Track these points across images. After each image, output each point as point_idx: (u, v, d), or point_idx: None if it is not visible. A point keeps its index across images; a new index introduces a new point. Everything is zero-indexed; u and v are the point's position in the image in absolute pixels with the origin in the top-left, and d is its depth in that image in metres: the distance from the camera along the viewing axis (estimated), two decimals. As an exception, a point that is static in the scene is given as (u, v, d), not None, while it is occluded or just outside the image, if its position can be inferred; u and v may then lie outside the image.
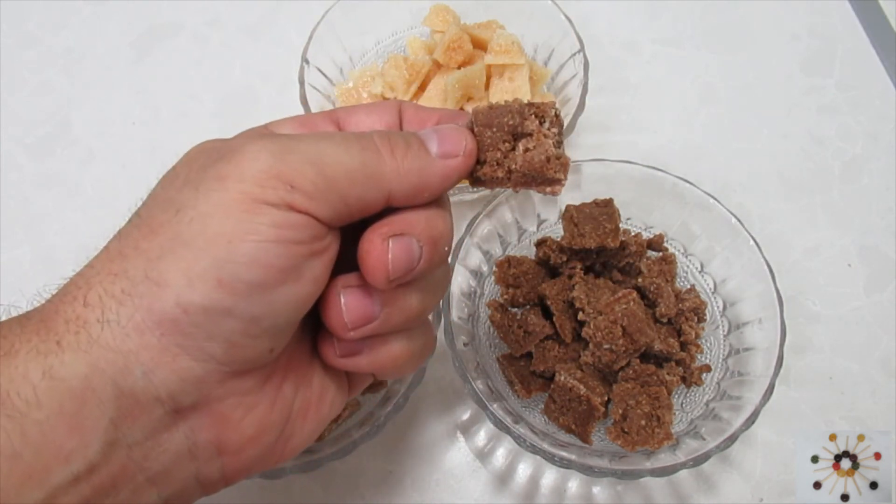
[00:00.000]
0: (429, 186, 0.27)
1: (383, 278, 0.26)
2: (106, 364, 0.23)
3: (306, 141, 0.25)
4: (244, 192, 0.23)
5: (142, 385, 0.23)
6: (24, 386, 0.22)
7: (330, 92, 0.57)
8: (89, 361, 0.22)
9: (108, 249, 0.25)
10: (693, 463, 0.39)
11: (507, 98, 0.53)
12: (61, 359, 0.22)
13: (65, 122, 0.63)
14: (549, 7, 0.57)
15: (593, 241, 0.45)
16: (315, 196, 0.24)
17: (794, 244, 0.55)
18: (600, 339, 0.41)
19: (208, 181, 0.24)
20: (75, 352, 0.22)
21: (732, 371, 0.44)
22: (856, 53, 0.65)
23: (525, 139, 0.28)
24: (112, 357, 0.23)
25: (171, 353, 0.23)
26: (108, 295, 0.23)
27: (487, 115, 0.28)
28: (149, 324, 0.23)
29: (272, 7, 0.69)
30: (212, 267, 0.23)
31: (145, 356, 0.23)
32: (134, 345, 0.23)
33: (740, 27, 0.67)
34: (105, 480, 0.23)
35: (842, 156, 0.59)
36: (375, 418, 0.41)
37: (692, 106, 0.62)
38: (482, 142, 0.28)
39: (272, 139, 0.25)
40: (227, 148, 0.25)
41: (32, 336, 0.23)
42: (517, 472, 0.46)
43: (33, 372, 0.22)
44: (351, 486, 0.45)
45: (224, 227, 0.23)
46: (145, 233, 0.24)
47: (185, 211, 0.24)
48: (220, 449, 0.26)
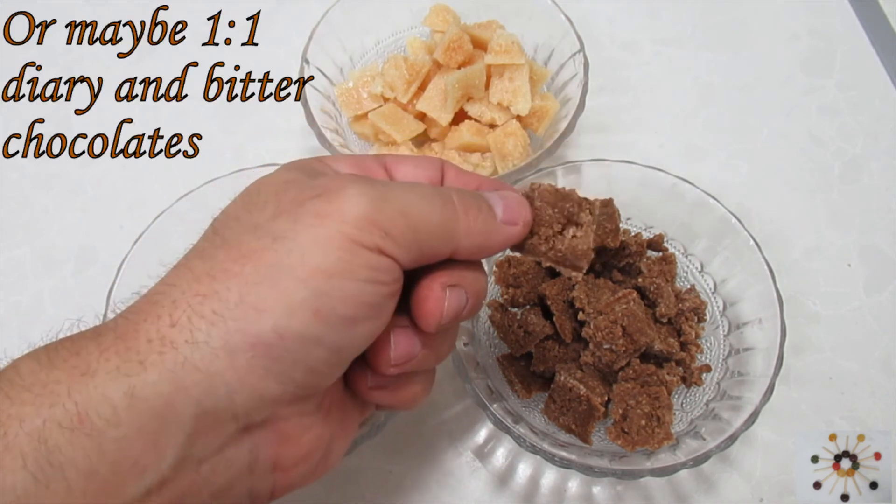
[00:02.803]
0: (489, 247, 0.29)
1: (435, 323, 0.28)
2: (191, 384, 0.23)
3: (398, 191, 0.27)
4: (343, 233, 0.25)
5: (224, 404, 0.24)
6: (104, 406, 0.22)
7: (330, 92, 0.57)
8: (174, 381, 0.23)
9: (190, 268, 0.25)
10: (693, 463, 0.39)
11: (508, 96, 0.53)
12: (144, 379, 0.23)
13: (65, 121, 0.63)
14: (549, 7, 0.57)
15: (593, 242, 0.45)
16: (402, 244, 0.26)
17: (794, 244, 0.55)
18: (600, 338, 0.41)
19: (306, 216, 0.25)
20: (160, 372, 0.23)
21: (732, 371, 0.44)
22: (856, 53, 0.65)
23: (575, 227, 0.32)
24: (198, 377, 0.23)
25: (257, 375, 0.24)
26: (197, 315, 0.24)
27: (553, 196, 0.32)
28: (242, 346, 0.24)
29: (272, 7, 0.69)
30: (311, 298, 0.24)
31: (232, 377, 0.24)
32: (222, 366, 0.23)
33: (740, 27, 0.67)
34: (174, 494, 0.23)
35: (842, 156, 0.59)
36: (375, 418, 0.41)
37: (692, 106, 0.62)
38: (539, 217, 0.32)
39: (367, 184, 0.26)
40: (324, 187, 0.26)
41: (111, 356, 0.23)
42: (517, 472, 0.46)
43: (114, 392, 0.22)
44: (351, 486, 0.45)
45: (324, 262, 0.24)
46: (235, 256, 0.25)
47: (284, 241, 0.25)
48: (276, 465, 0.27)
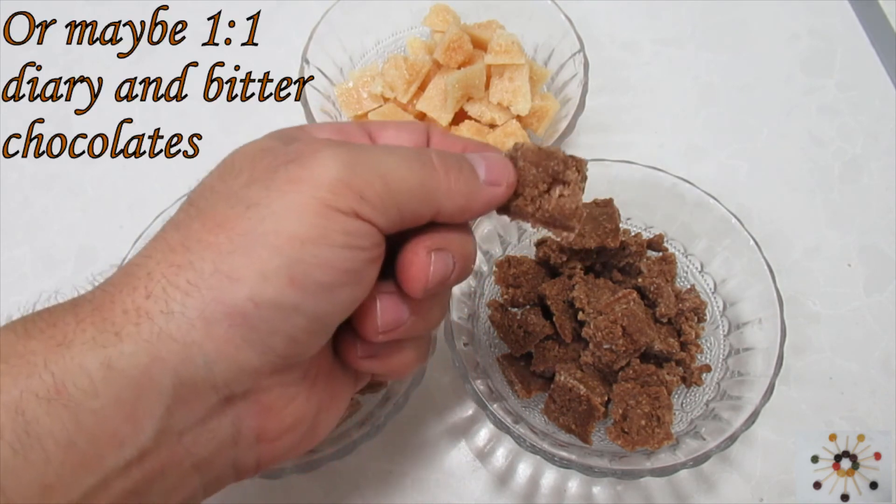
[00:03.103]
0: (472, 209, 0.28)
1: (421, 288, 0.27)
2: (168, 354, 0.23)
3: (374, 154, 0.26)
4: (317, 198, 0.24)
5: (202, 374, 0.24)
6: (80, 377, 0.22)
7: (330, 92, 0.57)
8: (151, 352, 0.23)
9: (165, 240, 0.25)
10: (693, 463, 0.39)
11: (508, 96, 0.53)
12: (121, 349, 0.22)
13: (65, 121, 0.63)
14: (549, 7, 0.57)
15: (593, 241, 0.45)
16: (379, 207, 0.25)
17: (794, 244, 0.55)
18: (600, 338, 0.41)
19: (280, 182, 0.25)
20: (136, 343, 0.23)
21: (732, 371, 0.44)
22: (856, 53, 0.65)
23: (561, 186, 0.31)
24: (175, 347, 0.23)
25: (234, 345, 0.24)
26: (172, 286, 0.23)
27: (536, 155, 0.31)
28: (217, 315, 0.23)
29: (272, 7, 0.69)
30: (285, 265, 0.24)
31: (209, 347, 0.23)
32: (199, 336, 0.23)
33: (740, 27, 0.67)
34: (155, 466, 0.23)
35: (842, 156, 0.59)
36: (375, 418, 0.41)
37: (692, 106, 0.62)
38: (524, 177, 0.31)
39: (341, 148, 0.26)
40: (297, 152, 0.26)
41: (88, 326, 0.23)
42: (517, 472, 0.46)
43: (91, 363, 0.22)
44: (351, 486, 0.45)
45: (298, 229, 0.24)
46: (210, 226, 0.24)
47: (257, 209, 0.24)
48: (260, 437, 0.27)
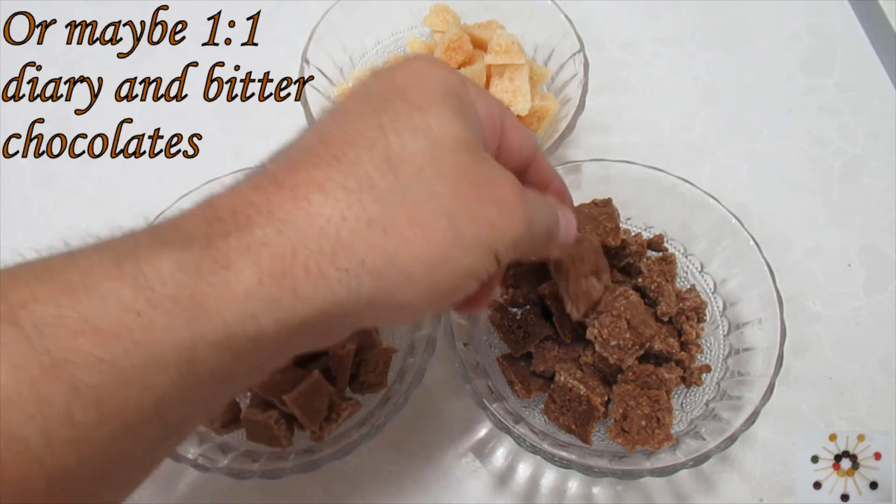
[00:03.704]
0: (536, 255, 0.35)
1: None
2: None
3: (539, 212, 0.29)
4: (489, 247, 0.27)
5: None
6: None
7: (330, 92, 0.57)
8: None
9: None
10: (693, 463, 0.39)
11: (508, 96, 0.53)
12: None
13: (65, 121, 0.63)
14: (549, 7, 0.57)
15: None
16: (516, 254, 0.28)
17: (794, 244, 0.55)
18: (607, 335, 0.41)
19: (471, 210, 0.26)
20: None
21: (732, 371, 0.44)
22: (856, 53, 0.65)
23: (596, 280, 0.40)
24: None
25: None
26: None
27: (597, 249, 0.41)
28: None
29: (272, 7, 0.69)
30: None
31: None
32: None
33: (740, 27, 0.67)
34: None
35: (842, 156, 0.59)
36: (375, 418, 0.41)
37: (692, 106, 0.62)
38: (583, 256, 0.39)
39: (525, 206, 0.27)
40: (494, 190, 0.27)
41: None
42: (517, 472, 0.46)
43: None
44: (351, 486, 0.45)
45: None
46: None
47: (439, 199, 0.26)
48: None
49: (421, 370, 0.42)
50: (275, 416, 0.41)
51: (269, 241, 0.23)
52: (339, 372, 0.44)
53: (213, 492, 0.44)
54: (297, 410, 0.41)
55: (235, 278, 0.23)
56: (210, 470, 0.40)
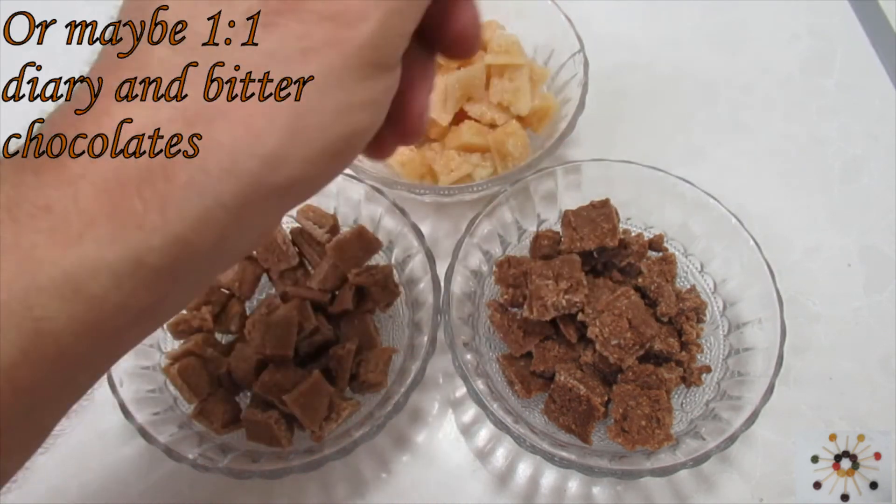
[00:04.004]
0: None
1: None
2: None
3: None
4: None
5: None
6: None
7: (330, 92, 0.57)
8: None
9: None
10: (693, 463, 0.39)
11: (508, 96, 0.53)
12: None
13: (65, 122, 0.63)
14: (549, 7, 0.57)
15: (592, 243, 0.45)
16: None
17: (794, 244, 0.55)
18: (608, 334, 0.41)
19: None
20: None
21: (732, 371, 0.44)
22: (856, 53, 0.65)
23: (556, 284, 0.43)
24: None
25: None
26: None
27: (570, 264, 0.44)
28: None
29: (272, 7, 0.69)
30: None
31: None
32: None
33: (740, 27, 0.67)
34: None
35: (842, 156, 0.59)
36: (375, 418, 0.41)
37: (692, 106, 0.62)
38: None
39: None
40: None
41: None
42: (517, 472, 0.46)
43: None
44: (351, 486, 0.45)
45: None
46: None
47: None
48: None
49: (421, 370, 0.42)
50: (275, 416, 0.41)
51: (87, 173, 0.20)
52: (339, 372, 0.44)
53: (213, 492, 0.44)
54: (297, 410, 0.41)
55: (62, 222, 0.20)
56: (210, 470, 0.39)
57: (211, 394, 0.43)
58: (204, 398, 0.43)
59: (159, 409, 0.42)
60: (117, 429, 0.46)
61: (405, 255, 0.48)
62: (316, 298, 0.46)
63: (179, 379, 0.42)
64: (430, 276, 0.45)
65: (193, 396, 0.43)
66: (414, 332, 0.46)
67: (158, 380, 0.44)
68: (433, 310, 0.44)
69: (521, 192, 0.49)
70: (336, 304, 0.46)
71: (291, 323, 0.43)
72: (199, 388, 0.43)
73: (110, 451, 0.45)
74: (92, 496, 0.44)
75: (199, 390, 0.43)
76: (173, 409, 0.43)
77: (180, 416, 0.43)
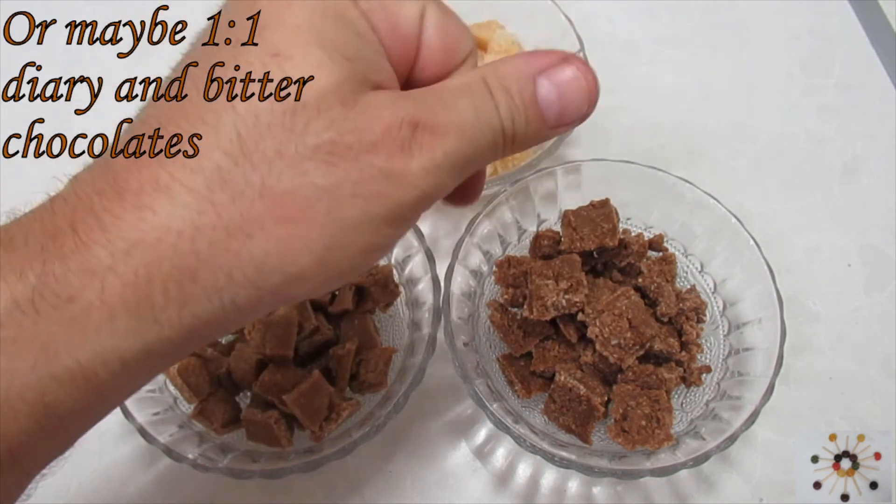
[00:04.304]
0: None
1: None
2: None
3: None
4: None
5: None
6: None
7: (330, 92, 0.57)
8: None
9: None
10: (693, 463, 0.39)
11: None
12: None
13: (65, 121, 0.63)
14: (549, 7, 0.57)
15: (592, 243, 0.45)
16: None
17: (794, 244, 0.55)
18: (608, 334, 0.41)
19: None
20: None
21: (732, 371, 0.44)
22: (856, 53, 0.65)
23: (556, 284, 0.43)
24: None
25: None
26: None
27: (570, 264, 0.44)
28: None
29: (272, 7, 0.69)
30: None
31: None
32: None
33: (740, 27, 0.67)
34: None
35: (842, 156, 0.59)
36: (375, 418, 0.41)
37: (692, 106, 0.62)
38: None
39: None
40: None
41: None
42: (517, 472, 0.46)
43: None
44: (351, 486, 0.45)
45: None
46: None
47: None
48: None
49: (421, 370, 0.42)
50: (275, 416, 0.41)
51: (116, 266, 0.20)
52: (339, 372, 0.44)
53: (213, 492, 0.44)
54: (297, 410, 0.41)
55: (83, 313, 0.20)
56: (210, 470, 0.39)
57: (211, 394, 0.43)
58: (204, 398, 0.43)
59: (159, 409, 0.42)
60: (117, 428, 0.46)
61: (405, 254, 0.48)
62: (316, 298, 0.46)
63: (179, 379, 0.42)
64: (429, 276, 0.45)
65: (193, 396, 0.43)
66: (414, 332, 0.46)
67: (158, 380, 0.44)
68: (433, 310, 0.44)
69: (521, 192, 0.49)
70: (336, 304, 0.46)
71: (291, 323, 0.43)
72: (199, 387, 0.43)
73: (110, 451, 0.45)
74: (91, 496, 0.44)
75: (198, 390, 0.43)
76: (173, 409, 0.43)
77: (180, 416, 0.43)
